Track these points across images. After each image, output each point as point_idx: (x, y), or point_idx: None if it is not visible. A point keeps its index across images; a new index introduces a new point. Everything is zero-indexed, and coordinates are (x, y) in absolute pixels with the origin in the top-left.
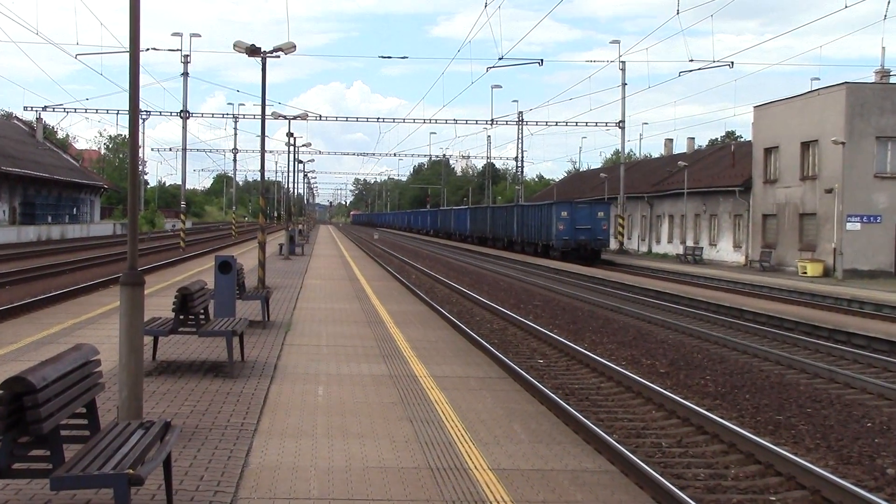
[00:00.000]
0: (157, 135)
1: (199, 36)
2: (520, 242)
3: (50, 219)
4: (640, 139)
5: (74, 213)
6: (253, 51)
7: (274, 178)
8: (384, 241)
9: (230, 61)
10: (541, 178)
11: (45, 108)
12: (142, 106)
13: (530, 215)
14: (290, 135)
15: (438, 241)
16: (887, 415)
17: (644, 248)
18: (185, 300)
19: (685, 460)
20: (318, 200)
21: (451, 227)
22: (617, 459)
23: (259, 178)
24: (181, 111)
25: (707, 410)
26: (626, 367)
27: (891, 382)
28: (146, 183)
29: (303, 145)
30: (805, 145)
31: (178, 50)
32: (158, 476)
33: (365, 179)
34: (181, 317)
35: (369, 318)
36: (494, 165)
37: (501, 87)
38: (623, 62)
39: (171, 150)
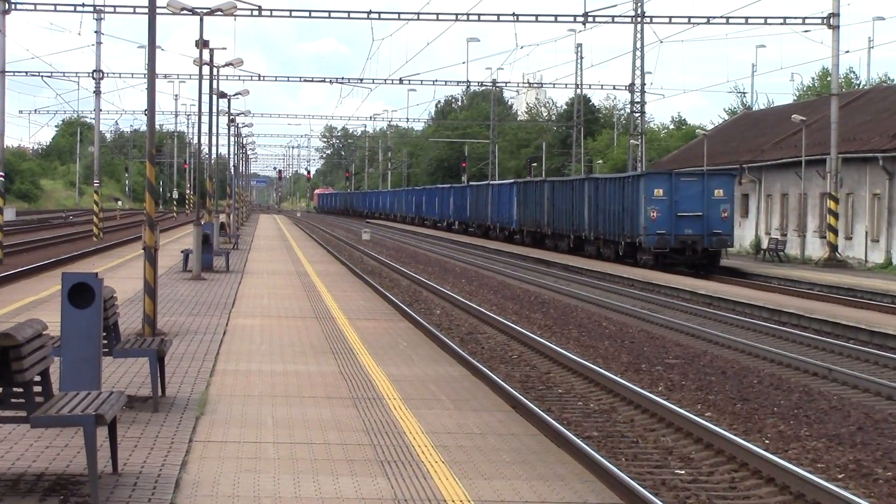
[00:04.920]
0: None
1: None
2: (593, 240)
3: None
4: (870, 49)
5: None
6: None
7: (173, 128)
8: (381, 246)
9: None
10: (680, 122)
11: None
12: None
13: (608, 195)
14: (202, 44)
15: (471, 240)
16: None
17: (878, 257)
18: (6, 358)
19: None
20: (256, 169)
21: (488, 215)
22: None
23: (146, 127)
24: None
25: None
26: (849, 484)
27: None
28: None
29: (227, 64)
30: None
31: None
32: None
33: (345, 128)
34: None
35: (355, 391)
36: (589, 101)
37: None
38: None
39: None
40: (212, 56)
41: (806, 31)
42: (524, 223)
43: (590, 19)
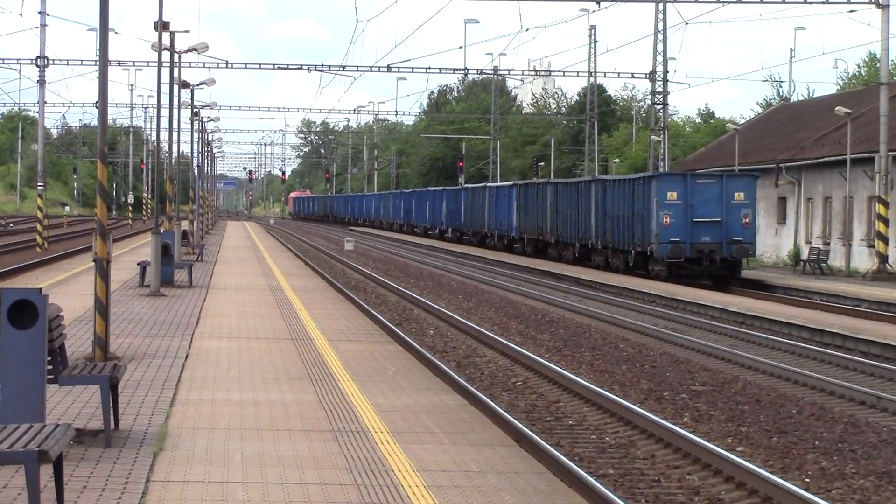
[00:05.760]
0: None
1: None
2: (601, 249)
3: None
4: None
5: None
6: None
7: (129, 123)
8: (366, 256)
9: None
10: (707, 115)
11: None
12: None
13: (617, 198)
14: (161, 26)
15: (467, 250)
16: None
17: None
18: None
19: None
20: (223, 169)
21: (484, 222)
22: None
23: (98, 122)
24: None
25: None
26: None
27: None
28: None
29: (190, 49)
30: None
31: None
32: None
33: (325, 123)
34: None
35: (336, 423)
36: (604, 91)
37: None
38: None
39: None
40: (172, 40)
41: (851, 12)
42: (525, 230)
43: None
